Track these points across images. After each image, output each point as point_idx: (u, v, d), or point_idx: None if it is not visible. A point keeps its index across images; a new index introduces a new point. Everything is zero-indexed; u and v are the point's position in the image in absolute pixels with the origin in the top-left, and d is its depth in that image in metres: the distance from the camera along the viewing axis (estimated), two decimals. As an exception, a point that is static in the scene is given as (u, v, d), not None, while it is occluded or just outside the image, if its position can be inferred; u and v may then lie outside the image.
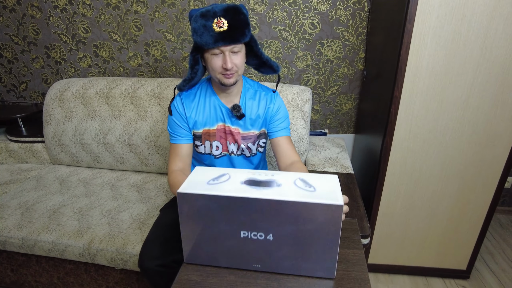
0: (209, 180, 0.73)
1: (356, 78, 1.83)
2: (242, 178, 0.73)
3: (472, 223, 1.49)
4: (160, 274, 1.07)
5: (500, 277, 1.66)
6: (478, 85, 1.23)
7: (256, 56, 1.09)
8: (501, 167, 1.36)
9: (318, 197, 0.66)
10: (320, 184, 0.71)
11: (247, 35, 1.00)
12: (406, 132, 1.34)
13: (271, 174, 0.75)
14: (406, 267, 1.65)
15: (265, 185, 0.70)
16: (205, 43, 0.96)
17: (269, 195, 0.66)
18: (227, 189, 0.69)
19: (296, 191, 0.68)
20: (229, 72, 1.01)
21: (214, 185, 0.70)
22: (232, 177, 0.74)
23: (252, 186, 0.70)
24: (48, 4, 1.81)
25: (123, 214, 1.41)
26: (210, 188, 0.69)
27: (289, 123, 1.22)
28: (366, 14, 1.67)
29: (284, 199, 0.65)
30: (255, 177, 0.74)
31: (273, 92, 1.18)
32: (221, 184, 0.71)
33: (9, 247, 1.35)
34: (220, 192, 0.68)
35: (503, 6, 1.10)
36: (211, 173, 0.76)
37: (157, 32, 1.82)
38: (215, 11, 0.94)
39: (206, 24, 0.94)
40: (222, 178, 0.73)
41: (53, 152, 1.80)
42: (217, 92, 1.13)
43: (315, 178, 0.74)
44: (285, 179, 0.73)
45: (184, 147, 1.15)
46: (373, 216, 1.53)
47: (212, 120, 1.14)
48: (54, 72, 2.00)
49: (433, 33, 1.16)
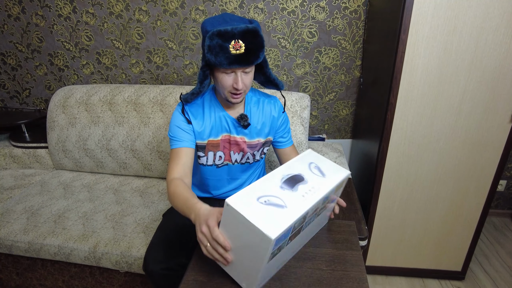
0: (258, 197, 0.72)
1: (353, 85, 1.88)
2: (278, 181, 0.77)
3: (466, 225, 1.54)
4: (165, 277, 1.10)
5: (495, 278, 1.71)
6: (470, 93, 1.28)
7: (263, 74, 1.10)
8: (493, 171, 1.41)
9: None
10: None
11: (261, 57, 0.98)
12: (401, 137, 1.39)
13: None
14: (403, 269, 1.69)
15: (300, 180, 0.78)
16: (219, 63, 0.93)
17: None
18: (291, 205, 0.71)
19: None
20: (238, 92, 1.01)
21: (271, 205, 0.70)
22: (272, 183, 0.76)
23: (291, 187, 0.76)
24: (52, 12, 1.86)
25: (127, 218, 1.44)
26: (278, 213, 0.69)
27: (290, 130, 1.26)
28: (362, 23, 1.72)
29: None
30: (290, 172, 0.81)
31: (281, 109, 1.21)
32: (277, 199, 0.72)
33: (15, 251, 1.38)
34: (296, 213, 0.69)
35: (492, 18, 1.16)
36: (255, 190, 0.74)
37: (159, 40, 1.86)
38: (234, 33, 0.90)
39: (223, 45, 0.91)
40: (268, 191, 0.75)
41: (56, 157, 1.84)
42: (222, 104, 1.13)
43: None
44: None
45: (186, 152, 1.09)
46: (370, 218, 1.57)
47: (217, 130, 1.13)
48: (57, 79, 2.04)
49: (426, 43, 1.22)
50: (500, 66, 1.22)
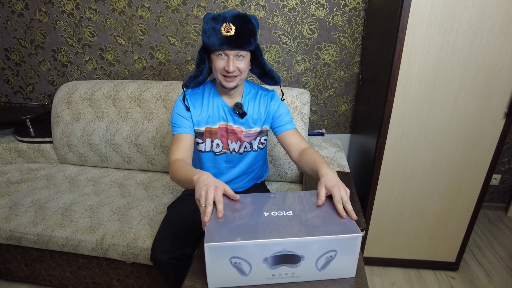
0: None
1: (352, 81, 1.92)
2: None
3: (460, 218, 1.59)
4: (171, 266, 1.15)
5: (487, 269, 1.77)
6: (465, 90, 1.32)
7: (259, 65, 1.16)
8: (486, 165, 1.46)
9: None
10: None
11: (252, 44, 1.07)
12: (398, 133, 1.44)
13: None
14: (399, 260, 1.75)
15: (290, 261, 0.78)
16: (211, 44, 1.04)
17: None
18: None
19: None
20: (230, 75, 1.08)
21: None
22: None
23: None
24: (55, 9, 1.88)
25: (132, 211, 1.48)
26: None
27: (292, 118, 1.26)
28: (361, 21, 1.76)
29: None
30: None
31: (279, 99, 1.25)
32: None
33: (24, 242, 1.43)
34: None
35: (487, 18, 1.19)
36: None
37: (161, 36, 1.89)
38: (225, 16, 1.02)
39: (215, 27, 1.02)
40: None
41: (61, 152, 1.87)
42: (220, 93, 1.20)
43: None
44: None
45: (187, 137, 1.16)
46: (368, 211, 1.62)
47: (215, 118, 1.20)
48: (61, 75, 2.07)
49: (423, 42, 1.25)
50: (495, 64, 1.26)
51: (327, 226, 0.78)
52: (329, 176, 0.92)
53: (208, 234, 0.76)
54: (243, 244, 0.74)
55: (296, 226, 0.78)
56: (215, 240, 0.74)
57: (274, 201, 0.90)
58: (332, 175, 0.93)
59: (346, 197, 0.87)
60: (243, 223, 0.80)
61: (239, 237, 0.75)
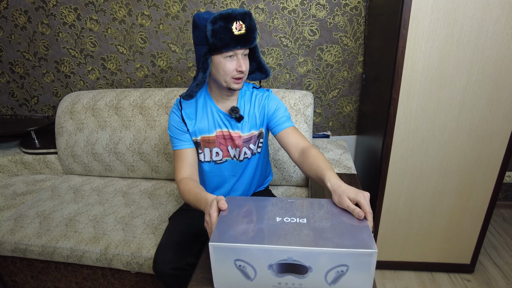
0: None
1: (356, 81, 1.89)
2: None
3: (473, 217, 1.54)
4: (174, 277, 1.12)
5: (504, 270, 1.70)
6: (473, 85, 1.28)
7: (255, 60, 1.12)
8: (499, 163, 1.41)
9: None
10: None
11: (256, 40, 1.04)
12: (405, 132, 1.40)
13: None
14: (411, 263, 1.69)
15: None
16: (224, 44, 0.96)
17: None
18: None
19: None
20: (242, 75, 1.03)
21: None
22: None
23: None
24: (57, 21, 1.89)
25: (137, 220, 1.47)
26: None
27: (289, 114, 1.19)
28: (363, 20, 1.73)
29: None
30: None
31: (266, 91, 1.19)
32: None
33: (29, 254, 1.42)
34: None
35: (492, 9, 1.15)
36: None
37: (162, 43, 1.89)
38: (236, 14, 0.95)
39: (226, 26, 0.95)
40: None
41: (66, 162, 1.88)
42: (214, 99, 1.14)
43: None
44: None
45: (188, 152, 1.14)
46: (377, 214, 1.58)
47: (210, 127, 1.15)
48: (64, 86, 2.08)
49: (427, 37, 1.22)
50: (503, 57, 1.22)
51: (340, 238, 0.73)
52: (342, 187, 0.86)
53: (215, 234, 0.75)
54: (246, 248, 0.72)
55: (306, 235, 0.74)
56: (220, 240, 0.73)
57: (291, 207, 0.87)
58: (342, 183, 0.88)
59: (368, 201, 0.83)
60: (253, 227, 0.78)
61: (244, 240, 0.73)
